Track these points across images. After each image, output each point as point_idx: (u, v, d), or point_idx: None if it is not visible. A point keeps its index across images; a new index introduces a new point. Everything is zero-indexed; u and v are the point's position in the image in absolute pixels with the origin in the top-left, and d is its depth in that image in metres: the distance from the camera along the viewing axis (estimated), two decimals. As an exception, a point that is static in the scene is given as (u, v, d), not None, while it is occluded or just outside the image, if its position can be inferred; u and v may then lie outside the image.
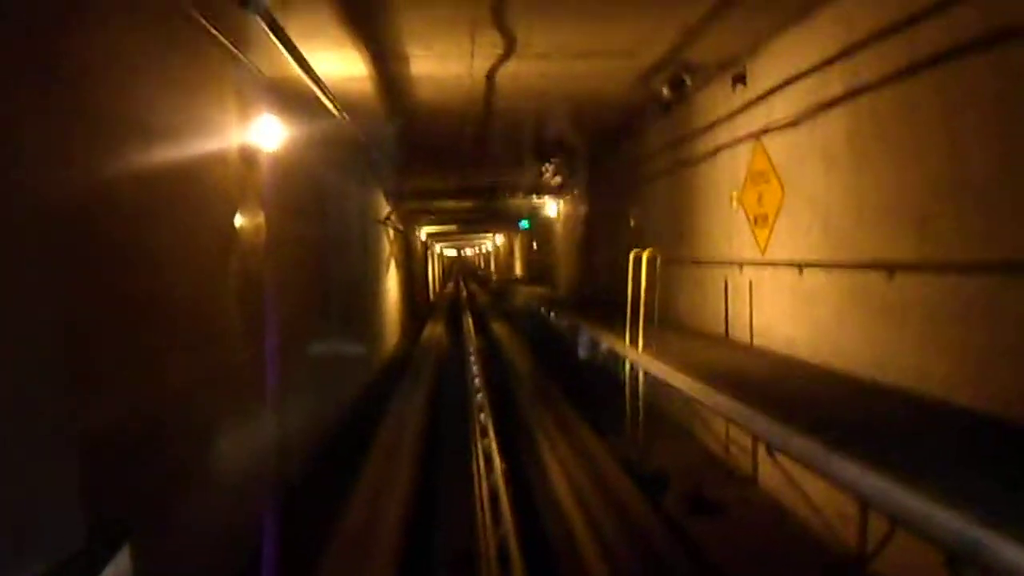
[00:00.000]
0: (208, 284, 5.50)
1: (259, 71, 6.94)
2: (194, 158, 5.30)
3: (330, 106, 7.40)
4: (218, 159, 5.80)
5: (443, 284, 59.49)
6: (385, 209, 18.24)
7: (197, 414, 5.03)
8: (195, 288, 5.21)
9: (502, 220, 31.49)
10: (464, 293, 44.25)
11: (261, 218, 6.75)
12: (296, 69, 6.15)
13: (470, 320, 25.05)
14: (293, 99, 7.65)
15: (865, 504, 5.16)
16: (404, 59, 7.53)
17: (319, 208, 10.11)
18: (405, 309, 23.45)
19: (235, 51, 6.27)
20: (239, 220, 6.15)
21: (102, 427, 3.57)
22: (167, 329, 4.64)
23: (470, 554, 6.21)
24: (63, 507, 3.13)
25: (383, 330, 17.11)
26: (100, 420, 3.56)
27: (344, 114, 7.90)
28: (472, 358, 16.06)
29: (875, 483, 3.75)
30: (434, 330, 24.22)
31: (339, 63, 7.41)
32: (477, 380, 13.18)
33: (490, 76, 8.30)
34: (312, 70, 6.42)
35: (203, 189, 5.46)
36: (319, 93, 6.91)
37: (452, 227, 38.34)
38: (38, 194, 3.24)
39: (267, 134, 6.80)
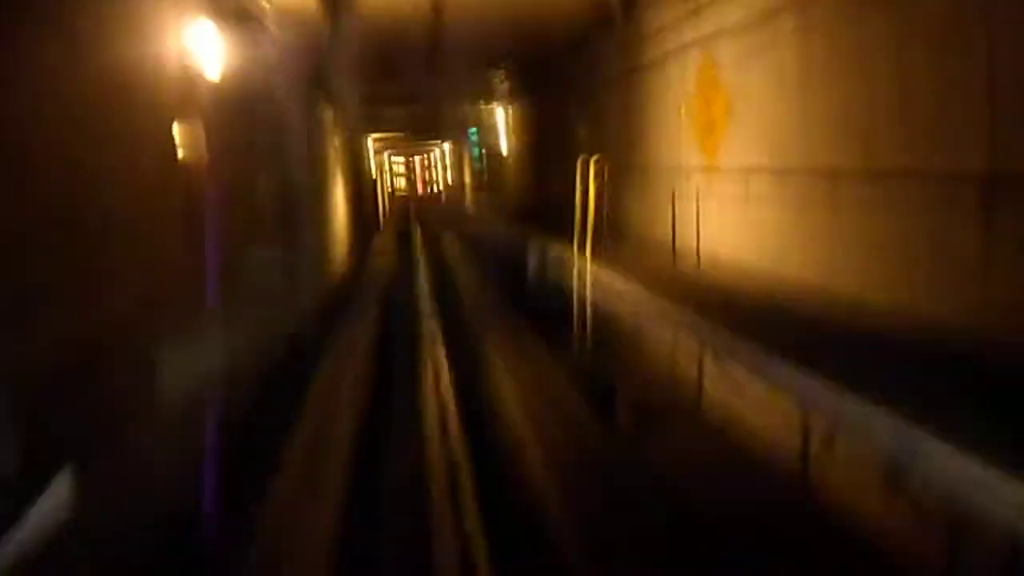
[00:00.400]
0: (148, 200, 5.33)
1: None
2: (127, 65, 5.07)
3: (270, 9, 7.12)
4: (153, 66, 5.56)
5: (391, 194, 58.81)
6: (331, 118, 17.83)
7: (139, 338, 4.94)
8: (134, 205, 5.05)
9: (452, 128, 31.02)
10: (412, 205, 43.93)
11: (201, 130, 6.53)
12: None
13: (419, 230, 24.93)
14: (231, 3, 7.35)
15: (806, 411, 5.30)
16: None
17: (262, 117, 9.82)
18: (354, 218, 23.20)
19: (167, -49, 5.98)
20: (178, 131, 5.95)
21: (35, 351, 3.48)
22: (107, 248, 4.51)
23: (421, 466, 6.29)
24: None
25: (332, 240, 16.93)
26: (32, 343, 3.47)
27: (285, 19, 7.61)
28: (421, 268, 16.05)
29: (815, 389, 3.85)
30: (383, 241, 24.08)
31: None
32: (426, 292, 13.21)
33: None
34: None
35: (137, 98, 5.24)
36: (258, -3, 6.65)
37: (401, 134, 37.70)
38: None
39: (206, 43, 6.53)
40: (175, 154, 5.92)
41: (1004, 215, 4.12)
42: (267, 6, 6.83)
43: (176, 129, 5.92)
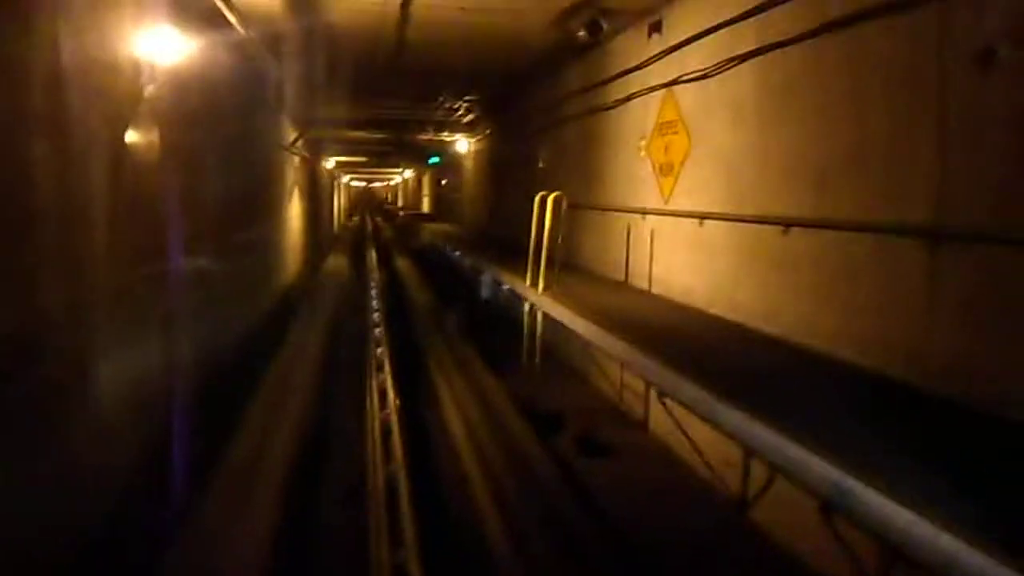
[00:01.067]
0: (97, 202, 5.22)
1: (158, -22, 6.57)
2: (79, 66, 4.97)
3: (234, 20, 7.06)
4: (109, 70, 5.47)
5: (349, 216, 58.53)
6: (291, 135, 17.71)
7: (78, 333, 4.81)
8: (83, 205, 4.94)
9: (412, 155, 31.04)
10: (370, 226, 43.64)
11: (155, 134, 6.43)
12: (198, -21, 5.83)
13: (374, 254, 24.80)
14: (194, 11, 7.27)
15: (748, 451, 5.33)
16: (315, -22, 7.25)
17: (219, 128, 9.71)
18: (308, 239, 22.99)
19: (132, -45, 5.91)
20: (130, 135, 5.84)
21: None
22: (49, 247, 4.39)
23: (359, 490, 6.18)
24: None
25: (284, 258, 16.73)
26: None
27: (249, 32, 7.56)
28: (373, 292, 15.92)
29: (757, 432, 3.87)
30: (337, 262, 23.85)
31: (246, -24, 7.08)
32: (377, 315, 13.08)
33: (405, 4, 8.05)
34: (216, -19, 6.10)
35: (89, 99, 5.14)
36: (222, 6, 6.58)
37: (362, 158, 37.58)
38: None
39: (164, 47, 6.45)
40: (127, 157, 5.81)
41: (947, 269, 4.22)
42: (231, 15, 6.77)
43: (129, 134, 5.82)
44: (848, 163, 5.05)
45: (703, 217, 7.03)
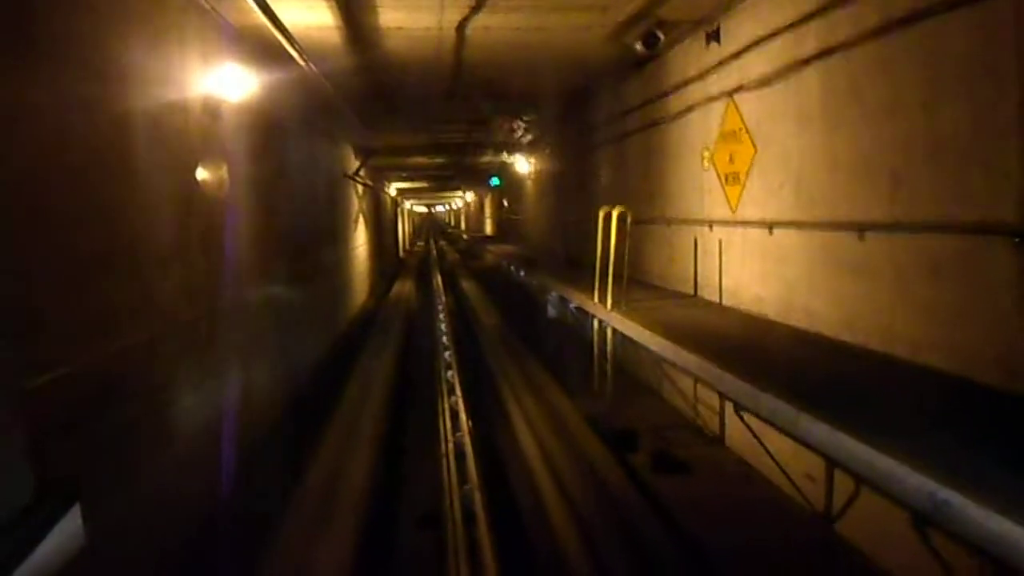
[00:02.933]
0: (170, 239, 5.35)
1: (223, 19, 6.74)
2: (154, 108, 5.12)
3: (296, 56, 7.20)
4: (179, 109, 5.62)
5: (413, 242, 59.18)
6: (354, 164, 17.99)
7: (156, 371, 4.92)
8: (156, 243, 5.07)
9: (473, 177, 31.27)
10: (434, 251, 44.02)
11: (224, 170, 6.58)
12: (261, 17, 5.95)
13: (439, 278, 24.97)
14: (258, 49, 7.45)
15: (832, 464, 5.18)
16: (372, 8, 7.33)
17: (285, 161, 9.92)
18: (374, 266, 23.28)
19: (198, -2, 6.08)
20: (201, 172, 5.99)
21: (51, 384, 3.46)
22: (124, 284, 4.51)
23: (436, 515, 6.18)
24: (11, 466, 3.03)
25: (351, 286, 16.97)
26: (49, 376, 3.45)
27: (311, 65, 7.70)
28: (441, 316, 16.01)
29: (842, 443, 3.75)
30: (403, 287, 24.10)
31: (306, 12, 7.20)
32: (445, 338, 13.15)
33: (461, 28, 8.12)
34: (278, 19, 6.22)
35: (163, 140, 5.29)
36: (284, 43, 6.71)
37: (423, 184, 37.99)
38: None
39: (231, 84, 6.61)
40: (198, 194, 5.95)
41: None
42: (293, 50, 6.90)
43: (199, 170, 5.96)
44: (923, 162, 4.90)
45: (773, 225, 6.89)
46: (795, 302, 6.58)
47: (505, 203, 31.47)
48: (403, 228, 47.67)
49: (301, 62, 7.43)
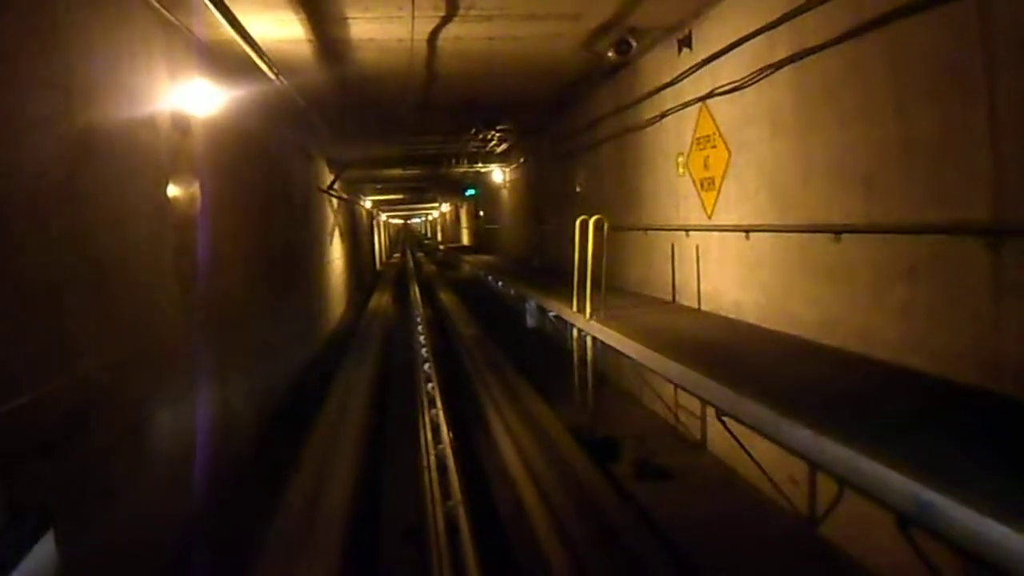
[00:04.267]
0: (141, 257, 5.26)
1: (191, 34, 6.67)
2: (121, 124, 5.04)
3: (267, 70, 7.13)
4: (147, 125, 5.54)
5: (390, 254, 58.99)
6: (328, 178, 17.90)
7: (128, 394, 4.83)
8: (127, 262, 4.98)
9: (448, 188, 31.24)
10: (411, 263, 43.89)
11: (195, 187, 6.50)
12: (230, 31, 5.88)
13: (416, 289, 24.89)
14: (227, 63, 7.38)
15: (814, 467, 5.18)
16: (342, 21, 7.28)
17: (258, 176, 9.83)
18: (351, 279, 23.16)
19: (166, 13, 6.00)
20: (172, 189, 5.91)
21: (22, 409, 3.38)
22: (95, 305, 4.42)
23: (418, 529, 6.12)
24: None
25: (328, 300, 16.85)
26: (19, 401, 3.37)
27: (282, 79, 7.63)
28: (419, 327, 15.93)
29: (825, 447, 3.73)
30: (381, 300, 23.97)
31: (275, 25, 7.14)
32: (424, 350, 13.07)
33: (432, 39, 8.09)
34: (247, 33, 6.15)
35: (131, 157, 5.21)
36: (255, 57, 6.64)
37: (398, 195, 37.89)
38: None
39: (200, 100, 6.54)
40: (168, 211, 5.87)
41: (1012, 265, 4.06)
42: (263, 63, 6.84)
43: (170, 187, 5.88)
44: (897, 164, 4.91)
45: (749, 230, 6.90)
46: (773, 306, 6.59)
47: (481, 213, 31.46)
48: (379, 240, 47.52)
49: (272, 76, 7.36)
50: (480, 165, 20.76)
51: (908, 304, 4.87)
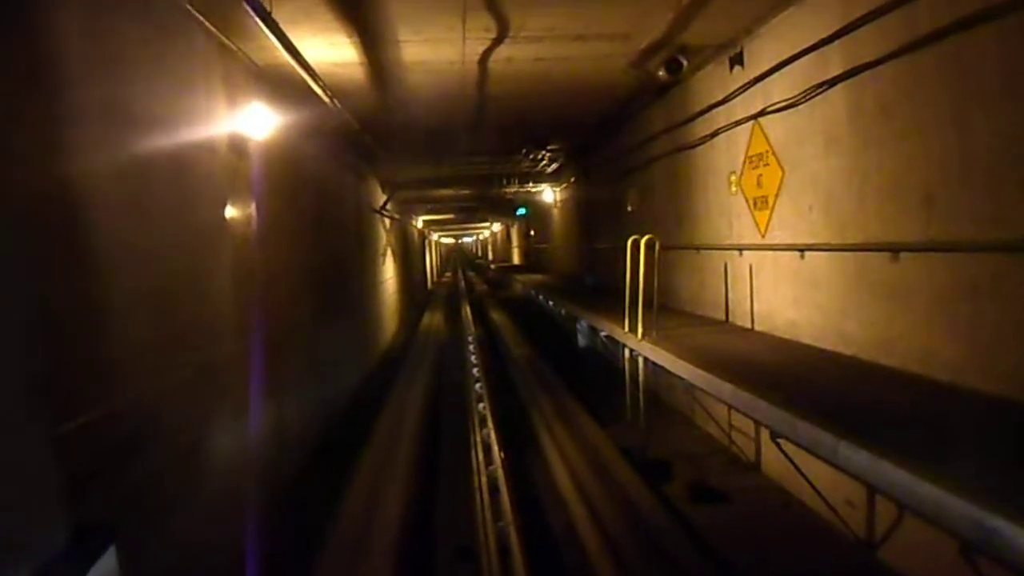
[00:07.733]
0: (200, 277, 5.37)
1: (248, 59, 6.82)
2: (182, 148, 5.17)
3: (321, 93, 7.27)
4: (207, 148, 5.67)
5: (441, 273, 59.34)
6: (381, 198, 18.10)
7: (190, 411, 4.92)
8: (186, 282, 5.09)
9: (499, 208, 31.32)
10: (462, 282, 44.07)
11: (252, 208, 6.63)
12: (286, 56, 6.01)
13: (468, 308, 24.96)
14: (283, 87, 7.53)
15: (873, 491, 5.07)
16: (395, 44, 7.39)
17: (312, 197, 9.98)
18: (403, 298, 23.33)
19: (223, 39, 6.15)
20: (230, 210, 6.03)
21: (86, 427, 3.46)
22: (157, 325, 4.52)
23: (471, 548, 6.11)
24: (47, 509, 3.02)
25: (380, 320, 17.00)
26: (84, 420, 3.45)
27: (335, 101, 7.76)
28: (471, 347, 15.96)
29: (884, 471, 3.65)
30: (432, 319, 24.10)
31: (329, 49, 7.28)
32: (476, 370, 13.09)
33: (483, 61, 8.16)
34: (302, 57, 6.28)
35: (191, 179, 5.33)
36: (309, 80, 6.77)
37: (449, 215, 38.11)
38: (16, 188, 3.12)
39: (257, 122, 6.68)
40: (226, 231, 5.99)
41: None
42: (318, 87, 6.96)
43: (227, 208, 6.00)
44: (958, 181, 4.80)
45: (804, 249, 6.81)
46: (829, 326, 6.48)
47: (531, 233, 31.49)
48: (431, 260, 47.83)
49: (326, 99, 7.49)
50: (531, 185, 20.81)
51: (971, 324, 4.75)
